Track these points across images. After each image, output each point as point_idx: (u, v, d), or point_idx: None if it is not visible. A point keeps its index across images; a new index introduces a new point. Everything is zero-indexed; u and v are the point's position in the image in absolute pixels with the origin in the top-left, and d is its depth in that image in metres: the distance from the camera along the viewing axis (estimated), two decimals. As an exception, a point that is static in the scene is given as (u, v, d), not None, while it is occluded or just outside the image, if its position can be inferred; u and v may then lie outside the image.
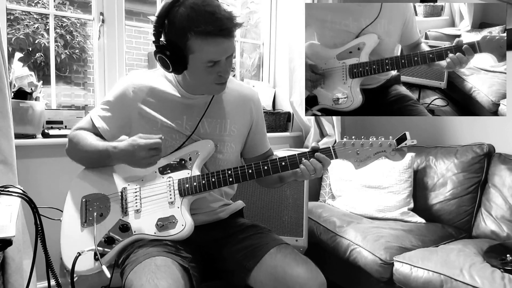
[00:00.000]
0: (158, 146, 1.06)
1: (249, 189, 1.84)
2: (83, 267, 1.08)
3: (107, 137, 1.21)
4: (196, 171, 1.16)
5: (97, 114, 1.21)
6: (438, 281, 1.41)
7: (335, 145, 1.13)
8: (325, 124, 2.44)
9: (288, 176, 1.20)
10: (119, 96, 1.20)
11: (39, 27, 4.27)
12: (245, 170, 1.14)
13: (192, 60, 1.06)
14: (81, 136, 1.18)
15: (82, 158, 1.20)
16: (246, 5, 3.25)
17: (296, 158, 1.13)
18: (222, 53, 1.05)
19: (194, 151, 1.17)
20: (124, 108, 1.19)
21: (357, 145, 1.12)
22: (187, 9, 1.00)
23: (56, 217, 1.23)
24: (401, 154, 1.11)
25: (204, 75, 1.09)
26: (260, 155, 1.33)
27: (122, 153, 1.09)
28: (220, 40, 1.02)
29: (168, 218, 1.11)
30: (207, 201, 1.22)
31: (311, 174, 1.11)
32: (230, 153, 1.24)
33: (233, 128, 1.24)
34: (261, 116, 1.33)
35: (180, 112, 1.19)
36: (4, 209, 0.91)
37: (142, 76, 1.21)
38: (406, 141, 1.07)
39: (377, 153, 1.11)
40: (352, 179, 2.12)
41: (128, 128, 1.21)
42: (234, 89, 1.27)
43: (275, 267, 1.07)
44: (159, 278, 0.93)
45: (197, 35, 1.01)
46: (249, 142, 1.31)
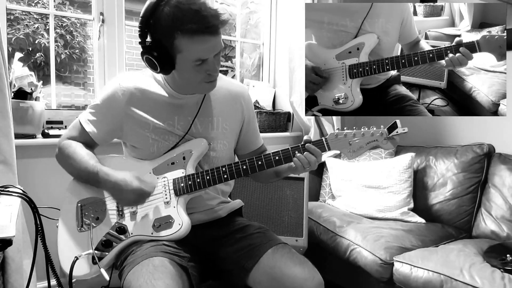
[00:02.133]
0: (147, 196, 1.10)
1: (249, 188, 1.84)
2: (81, 271, 1.08)
3: (98, 142, 1.21)
4: (190, 170, 1.16)
5: (86, 119, 1.20)
6: (438, 281, 1.41)
7: (327, 137, 1.13)
8: (325, 124, 2.44)
9: (284, 171, 1.20)
10: (108, 100, 1.17)
11: (39, 27, 4.27)
12: (239, 166, 1.14)
13: (179, 59, 1.05)
14: (71, 150, 1.17)
15: (71, 172, 1.19)
16: (246, 5, 3.25)
17: (289, 151, 1.13)
18: (210, 51, 1.04)
19: (187, 150, 1.17)
20: (113, 111, 1.17)
21: (349, 135, 1.12)
22: (172, 8, 1.00)
23: (56, 217, 1.22)
24: (393, 143, 1.12)
25: (193, 74, 1.08)
26: (253, 151, 1.33)
27: (111, 184, 1.10)
28: (206, 38, 1.01)
29: (165, 218, 1.11)
30: (203, 199, 1.22)
31: (305, 167, 1.11)
32: (223, 150, 1.24)
33: (225, 126, 1.24)
34: (252, 112, 1.32)
35: (170, 112, 1.18)
36: (4, 209, 0.91)
37: (130, 78, 1.19)
38: (397, 129, 1.08)
39: (369, 143, 1.12)
40: (352, 179, 2.12)
41: (120, 131, 1.19)
42: (224, 87, 1.25)
43: (272, 267, 1.07)
44: (157, 279, 0.93)
45: (183, 34, 1.00)
46: (241, 139, 1.31)
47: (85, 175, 1.14)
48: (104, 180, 1.10)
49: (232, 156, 1.31)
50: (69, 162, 1.16)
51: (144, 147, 1.18)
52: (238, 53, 2.61)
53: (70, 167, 1.18)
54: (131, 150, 1.22)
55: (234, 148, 1.31)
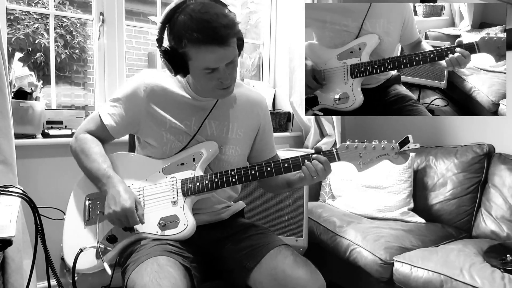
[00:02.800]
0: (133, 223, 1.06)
1: (250, 189, 1.84)
2: (84, 265, 1.08)
3: (114, 135, 1.21)
4: (199, 172, 1.16)
5: (106, 112, 1.20)
6: (438, 281, 1.41)
7: (338, 148, 1.13)
8: (325, 124, 2.44)
9: (295, 181, 1.19)
10: (130, 94, 1.19)
11: (39, 27, 4.27)
12: (248, 171, 1.14)
13: (191, 66, 1.06)
14: (87, 147, 1.17)
15: (81, 166, 1.19)
16: (246, 5, 3.25)
17: (299, 159, 1.13)
18: (218, 61, 1.04)
19: (198, 152, 1.18)
20: (134, 106, 1.18)
21: (360, 148, 1.12)
22: (185, 16, 1.01)
23: (56, 217, 1.23)
24: (404, 157, 1.10)
25: (205, 81, 1.09)
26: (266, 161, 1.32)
27: (112, 192, 1.08)
28: (214, 48, 1.01)
29: (171, 218, 1.11)
30: (211, 202, 1.23)
31: (313, 177, 1.11)
32: (234, 156, 1.23)
33: (239, 132, 1.24)
34: (268, 121, 1.33)
35: (189, 113, 1.19)
36: (4, 209, 0.91)
37: (154, 76, 1.21)
38: (408, 144, 1.06)
39: (380, 156, 1.11)
40: (352, 179, 2.12)
41: (137, 126, 1.20)
42: (243, 94, 1.27)
43: (275, 268, 1.07)
44: (162, 278, 0.93)
45: (190, 43, 1.01)
46: (255, 147, 1.31)
47: (94, 175, 1.14)
48: (109, 187, 1.09)
49: (244, 163, 1.29)
50: (81, 157, 1.17)
51: (158, 145, 1.19)
52: (238, 53, 2.60)
53: (81, 162, 1.18)
54: (144, 147, 1.23)
55: (248, 156, 1.31)
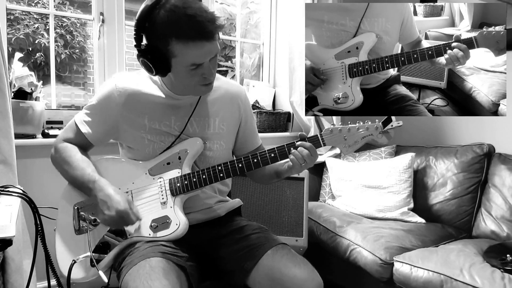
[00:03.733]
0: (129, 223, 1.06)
1: (249, 188, 1.84)
2: (79, 274, 1.08)
3: (93, 142, 1.20)
4: (186, 170, 1.15)
5: (82, 119, 1.19)
6: (438, 281, 1.41)
7: (322, 133, 1.13)
8: (325, 124, 2.44)
9: (284, 171, 1.19)
10: (103, 100, 1.16)
11: (39, 27, 4.27)
12: (235, 165, 1.13)
13: (174, 63, 1.04)
14: (67, 155, 1.16)
15: (65, 176, 1.18)
16: (246, 5, 3.25)
17: (285, 148, 1.13)
18: (205, 56, 1.03)
19: (183, 149, 1.17)
20: (109, 112, 1.16)
21: (344, 130, 1.12)
22: (167, 12, 0.98)
23: (56, 217, 1.22)
24: (387, 137, 1.12)
25: (188, 77, 1.07)
26: (251, 152, 1.31)
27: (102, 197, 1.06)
28: (201, 43, 1.00)
29: (162, 219, 1.11)
30: (201, 198, 1.22)
31: (301, 164, 1.10)
32: (219, 150, 1.23)
33: (222, 126, 1.24)
34: (249, 112, 1.32)
35: (167, 113, 1.17)
36: (4, 209, 0.91)
37: (127, 79, 1.18)
38: (392, 122, 1.09)
39: (364, 137, 1.12)
40: (352, 179, 2.12)
41: (116, 132, 1.19)
42: (221, 87, 1.25)
43: (272, 268, 1.07)
44: (153, 279, 0.93)
45: (178, 40, 0.99)
46: (239, 139, 1.30)
47: (79, 183, 1.13)
48: (97, 191, 1.08)
49: (229, 157, 1.29)
50: (64, 167, 1.15)
51: (140, 148, 1.18)
52: (238, 53, 2.61)
53: (64, 172, 1.16)
54: (127, 151, 1.22)
55: (232, 149, 1.31)
